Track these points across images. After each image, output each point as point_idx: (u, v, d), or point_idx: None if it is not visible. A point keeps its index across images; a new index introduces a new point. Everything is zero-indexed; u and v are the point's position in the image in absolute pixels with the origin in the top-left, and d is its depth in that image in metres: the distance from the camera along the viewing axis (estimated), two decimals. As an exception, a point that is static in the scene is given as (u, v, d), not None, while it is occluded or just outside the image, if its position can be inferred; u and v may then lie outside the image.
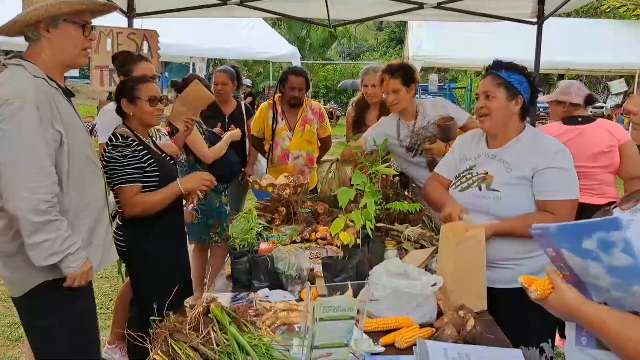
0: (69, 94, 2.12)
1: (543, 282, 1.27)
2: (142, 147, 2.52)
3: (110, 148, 2.48)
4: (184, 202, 2.83)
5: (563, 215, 2.11)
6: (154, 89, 2.61)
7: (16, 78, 1.92)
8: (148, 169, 2.52)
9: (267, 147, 4.16)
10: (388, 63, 3.29)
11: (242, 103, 4.48)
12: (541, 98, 4.07)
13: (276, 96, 4.11)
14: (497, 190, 2.21)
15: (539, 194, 2.17)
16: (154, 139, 2.95)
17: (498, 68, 2.29)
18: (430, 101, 3.39)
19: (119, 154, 2.45)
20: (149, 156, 2.53)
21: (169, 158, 2.76)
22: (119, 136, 2.51)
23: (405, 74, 3.14)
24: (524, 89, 2.24)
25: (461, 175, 2.39)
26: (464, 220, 2.20)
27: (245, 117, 4.38)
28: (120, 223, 2.65)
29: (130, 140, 2.50)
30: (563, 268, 1.25)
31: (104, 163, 2.48)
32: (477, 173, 2.31)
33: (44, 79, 1.97)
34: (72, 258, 1.98)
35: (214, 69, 4.63)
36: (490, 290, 2.19)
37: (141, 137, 2.59)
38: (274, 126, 4.04)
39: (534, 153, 2.20)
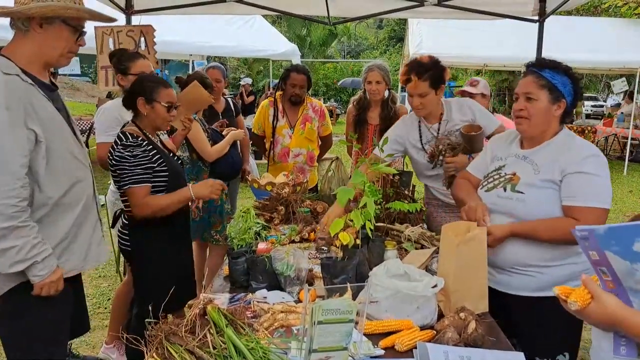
0: (51, 88, 2.06)
1: (581, 292, 1.22)
2: (151, 147, 2.50)
3: (120, 147, 2.43)
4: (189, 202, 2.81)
5: (589, 223, 1.97)
6: (173, 95, 2.58)
7: None
8: (157, 169, 2.50)
9: (267, 145, 4.14)
10: (416, 58, 2.94)
11: (229, 99, 4.47)
12: (468, 88, 3.99)
13: (277, 93, 4.10)
14: (521, 192, 2.10)
15: (565, 199, 2.03)
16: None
17: (541, 66, 2.11)
18: (457, 102, 3.07)
19: (129, 153, 2.41)
20: (158, 155, 2.51)
21: (175, 157, 2.75)
22: (129, 135, 2.47)
23: (434, 74, 2.82)
24: (567, 91, 2.08)
25: (489, 175, 2.29)
26: (485, 219, 2.11)
27: (234, 114, 4.37)
28: (126, 222, 2.62)
29: (140, 139, 2.47)
30: (605, 272, 1.20)
31: (113, 162, 2.44)
32: (504, 173, 2.21)
33: (16, 75, 1.89)
34: (40, 266, 1.92)
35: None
36: (505, 296, 2.16)
37: (150, 136, 2.56)
38: (274, 123, 4.02)
39: (563, 156, 2.07)
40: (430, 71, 2.82)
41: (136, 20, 4.52)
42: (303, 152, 4.02)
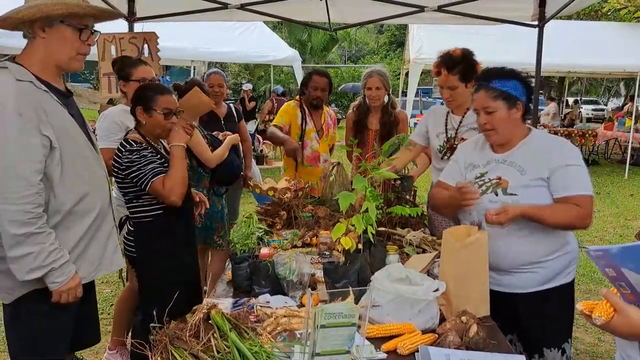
0: (66, 95, 2.04)
1: (604, 306, 1.24)
2: (154, 153, 2.53)
3: (126, 153, 2.45)
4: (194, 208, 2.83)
5: (587, 209, 2.10)
6: (171, 101, 2.57)
7: None
8: None
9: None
10: (448, 51, 2.97)
11: (232, 105, 4.49)
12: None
13: (300, 97, 4.14)
14: (515, 194, 2.16)
15: (560, 191, 2.13)
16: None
17: (488, 78, 2.22)
18: None
19: (137, 156, 2.44)
20: (162, 160, 2.54)
21: None
22: (132, 142, 2.49)
23: (464, 68, 2.88)
24: (519, 93, 2.18)
25: (472, 182, 2.31)
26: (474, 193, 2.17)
27: (236, 119, 4.39)
28: (131, 228, 2.63)
29: (144, 145, 2.50)
30: (623, 287, 1.24)
31: (123, 168, 2.46)
32: (489, 179, 2.25)
33: (29, 81, 1.87)
34: (57, 273, 1.90)
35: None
36: (510, 296, 2.20)
37: (152, 143, 2.58)
38: (303, 126, 4.02)
39: (548, 153, 2.17)
40: (461, 65, 2.88)
41: (138, 27, 4.55)
42: (328, 157, 4.09)
